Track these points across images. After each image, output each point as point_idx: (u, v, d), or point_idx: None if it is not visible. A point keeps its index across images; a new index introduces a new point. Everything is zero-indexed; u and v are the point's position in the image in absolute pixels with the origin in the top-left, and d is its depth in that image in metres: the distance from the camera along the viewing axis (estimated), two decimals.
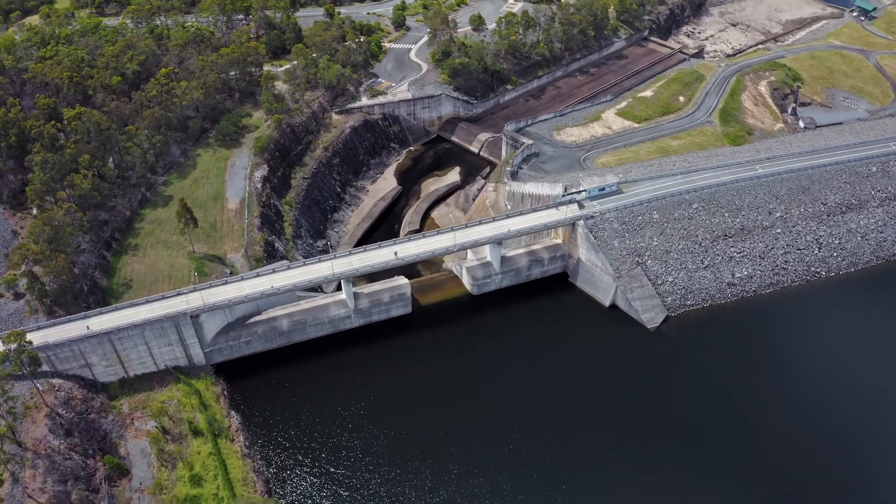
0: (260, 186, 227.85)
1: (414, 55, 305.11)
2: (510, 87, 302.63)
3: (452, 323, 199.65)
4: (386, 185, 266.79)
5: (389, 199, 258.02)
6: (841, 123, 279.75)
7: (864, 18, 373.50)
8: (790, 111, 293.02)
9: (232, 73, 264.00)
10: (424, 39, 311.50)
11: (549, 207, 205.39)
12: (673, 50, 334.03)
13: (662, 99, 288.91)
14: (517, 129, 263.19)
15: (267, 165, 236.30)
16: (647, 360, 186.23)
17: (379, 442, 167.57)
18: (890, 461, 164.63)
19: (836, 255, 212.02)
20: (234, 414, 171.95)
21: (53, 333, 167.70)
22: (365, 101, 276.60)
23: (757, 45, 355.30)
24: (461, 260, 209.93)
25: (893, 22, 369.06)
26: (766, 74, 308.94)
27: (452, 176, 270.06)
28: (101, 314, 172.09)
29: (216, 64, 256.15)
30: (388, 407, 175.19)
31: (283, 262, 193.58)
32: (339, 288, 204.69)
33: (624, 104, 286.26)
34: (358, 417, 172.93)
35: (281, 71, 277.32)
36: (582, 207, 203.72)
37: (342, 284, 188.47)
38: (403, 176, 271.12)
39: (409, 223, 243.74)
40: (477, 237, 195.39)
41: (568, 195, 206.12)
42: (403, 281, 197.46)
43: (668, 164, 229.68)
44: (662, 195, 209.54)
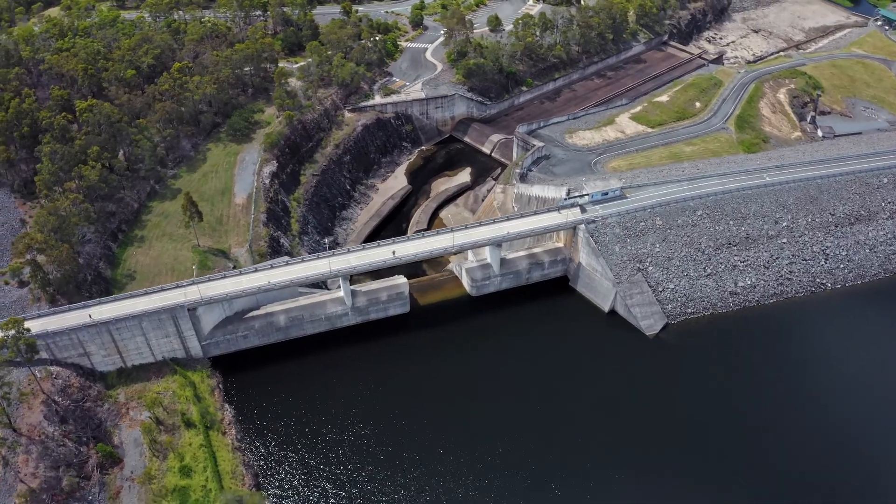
0: (268, 182, 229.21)
1: (430, 55, 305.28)
2: (525, 88, 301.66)
3: (450, 323, 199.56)
4: (396, 183, 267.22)
5: (399, 197, 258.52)
6: (860, 133, 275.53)
7: (888, 28, 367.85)
8: (809, 120, 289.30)
9: (246, 68, 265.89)
10: (441, 39, 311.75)
11: (550, 210, 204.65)
12: (692, 55, 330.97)
13: (678, 104, 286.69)
14: (529, 131, 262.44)
15: (276, 161, 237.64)
16: (643, 367, 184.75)
17: (371, 441, 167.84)
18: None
19: (842, 266, 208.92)
20: (227, 407, 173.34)
21: (53, 322, 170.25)
22: (378, 99, 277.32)
23: (778, 52, 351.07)
24: (463, 261, 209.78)
25: None
26: (785, 82, 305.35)
27: (463, 176, 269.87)
28: (100, 304, 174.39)
29: (230, 59, 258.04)
30: (381, 406, 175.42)
31: (282, 258, 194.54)
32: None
33: (639, 108, 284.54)
34: (351, 415, 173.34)
35: (295, 68, 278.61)
36: (584, 211, 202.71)
37: (340, 282, 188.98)
38: (414, 175, 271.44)
39: (416, 222, 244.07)
40: (476, 239, 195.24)
41: (570, 199, 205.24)
42: (402, 280, 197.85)
43: (676, 169, 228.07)
44: (666, 201, 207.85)
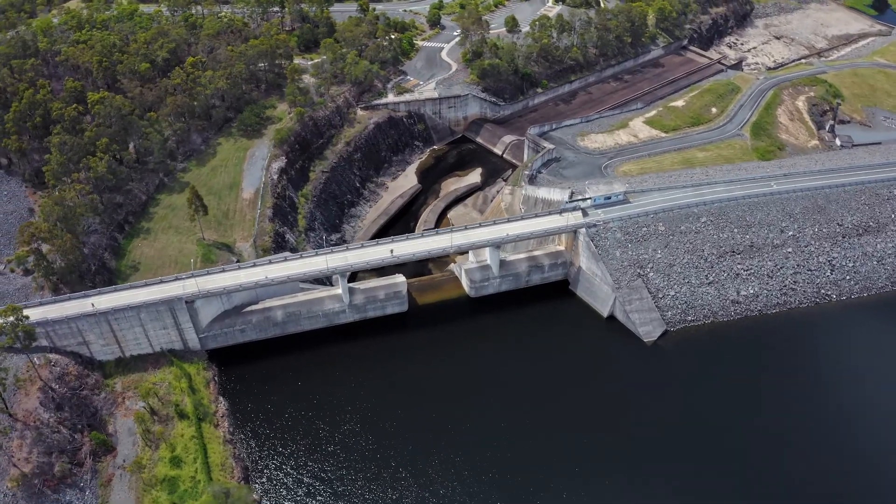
0: (276, 178, 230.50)
1: (445, 54, 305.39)
2: (540, 90, 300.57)
3: (448, 324, 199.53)
4: (406, 182, 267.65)
5: (408, 196, 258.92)
6: (879, 143, 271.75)
7: None
8: (828, 128, 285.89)
9: (261, 64, 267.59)
10: (457, 39, 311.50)
11: (552, 213, 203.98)
12: (711, 60, 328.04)
13: (694, 109, 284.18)
14: (540, 132, 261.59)
15: (285, 157, 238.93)
16: (639, 374, 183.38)
17: (362, 439, 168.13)
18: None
19: (848, 278, 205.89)
20: (222, 400, 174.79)
21: (54, 310, 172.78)
22: (391, 97, 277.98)
23: (800, 59, 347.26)
24: (463, 261, 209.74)
25: None
26: (805, 89, 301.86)
27: (473, 177, 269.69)
28: (100, 294, 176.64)
29: (244, 55, 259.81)
30: (374, 405, 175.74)
31: (280, 254, 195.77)
32: (348, 281, 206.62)
33: (653, 113, 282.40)
34: (344, 413, 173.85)
35: (310, 65, 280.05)
36: (586, 215, 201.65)
37: (339, 279, 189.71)
38: (425, 174, 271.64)
39: (424, 222, 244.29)
40: (475, 240, 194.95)
41: (572, 202, 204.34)
42: (400, 279, 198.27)
43: (682, 175, 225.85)
44: (670, 207, 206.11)
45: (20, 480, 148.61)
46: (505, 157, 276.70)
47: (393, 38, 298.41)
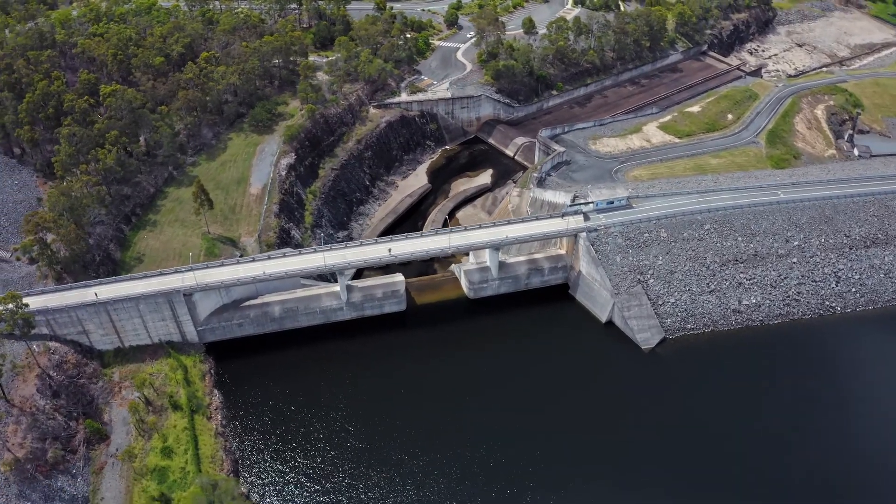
0: (284, 174, 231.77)
1: (461, 55, 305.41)
2: (555, 92, 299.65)
3: (445, 324, 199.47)
4: (416, 181, 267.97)
5: (417, 196, 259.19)
6: None
7: None
8: (846, 138, 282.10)
9: (275, 60, 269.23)
10: (474, 39, 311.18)
11: (553, 216, 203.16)
12: (730, 66, 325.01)
13: (709, 115, 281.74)
14: (552, 135, 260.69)
15: (294, 154, 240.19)
16: (634, 380, 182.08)
17: (353, 437, 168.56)
18: None
19: (854, 290, 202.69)
20: (216, 392, 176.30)
21: (55, 299, 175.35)
22: (404, 97, 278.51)
23: (821, 67, 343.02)
24: (464, 262, 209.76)
25: None
26: (824, 98, 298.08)
27: (484, 178, 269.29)
28: (101, 284, 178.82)
29: (259, 51, 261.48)
30: (367, 403, 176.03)
31: (279, 250, 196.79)
32: (354, 277, 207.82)
33: (668, 118, 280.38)
34: (336, 410, 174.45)
35: (324, 62, 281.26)
36: (587, 219, 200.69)
37: (337, 276, 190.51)
38: (435, 174, 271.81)
39: (432, 221, 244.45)
40: (473, 241, 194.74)
41: (574, 205, 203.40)
42: (399, 278, 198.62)
43: (691, 182, 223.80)
44: (673, 213, 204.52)
45: (13, 465, 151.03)
46: (517, 158, 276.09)
47: (409, 37, 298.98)
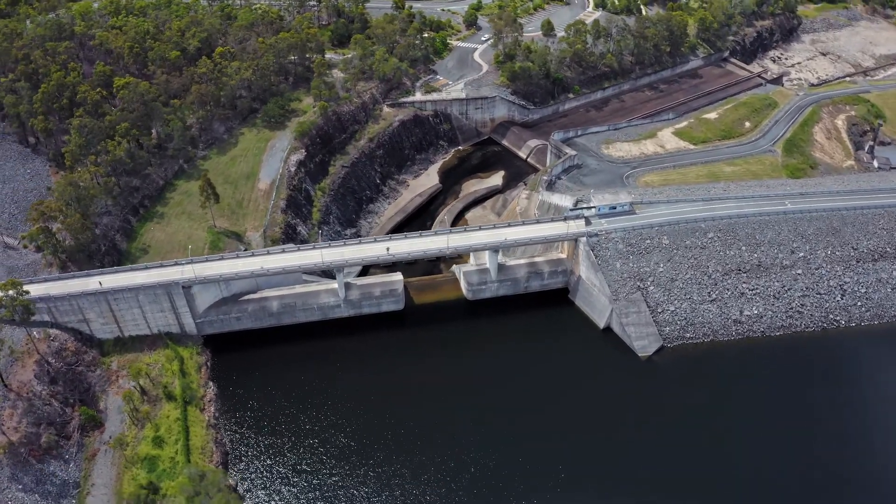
0: (293, 170, 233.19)
1: (478, 55, 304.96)
2: (572, 95, 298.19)
3: (443, 325, 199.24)
4: (427, 181, 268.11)
5: (427, 195, 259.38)
6: None
7: None
8: (867, 149, 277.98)
9: (291, 57, 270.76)
10: (491, 40, 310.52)
11: (555, 220, 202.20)
12: (751, 73, 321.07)
13: (726, 122, 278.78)
14: (564, 138, 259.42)
15: (305, 150, 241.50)
16: (629, 387, 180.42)
17: (342, 434, 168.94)
18: None
19: (860, 304, 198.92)
20: (211, 385, 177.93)
21: (57, 287, 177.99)
22: (418, 96, 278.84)
23: (844, 76, 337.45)
24: (464, 263, 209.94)
25: None
26: (845, 108, 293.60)
27: (495, 179, 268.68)
28: (101, 274, 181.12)
29: (274, 47, 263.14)
30: (360, 402, 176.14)
31: (278, 246, 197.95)
32: (360, 274, 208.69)
33: (684, 124, 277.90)
34: (327, 408, 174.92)
35: (339, 59, 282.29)
36: (588, 224, 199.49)
37: (335, 273, 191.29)
38: (447, 174, 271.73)
39: (441, 222, 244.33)
40: (472, 242, 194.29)
41: (576, 210, 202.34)
42: (397, 277, 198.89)
43: (700, 189, 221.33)
44: (676, 220, 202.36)
45: (7, 448, 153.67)
46: (529, 161, 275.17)
47: (426, 36, 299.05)
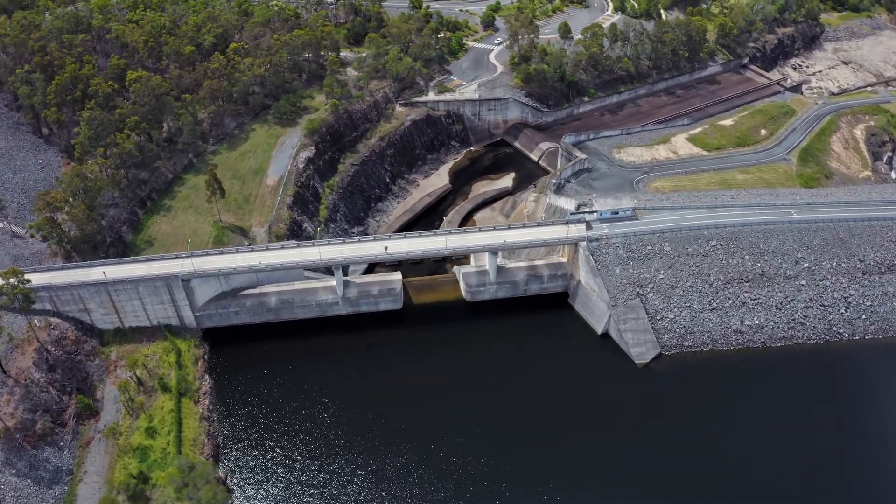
0: (301, 167, 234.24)
1: (493, 57, 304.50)
2: (587, 99, 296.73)
3: (440, 325, 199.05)
4: (438, 181, 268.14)
5: (436, 195, 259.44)
6: None
7: None
8: (885, 160, 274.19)
9: (305, 54, 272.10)
10: (506, 42, 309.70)
11: (556, 224, 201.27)
12: (770, 81, 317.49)
13: (741, 129, 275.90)
14: (576, 141, 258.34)
15: (314, 147, 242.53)
16: (624, 394, 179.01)
17: (333, 432, 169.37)
18: None
19: (864, 317, 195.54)
20: (207, 377, 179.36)
21: (59, 276, 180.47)
22: (431, 96, 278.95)
23: (866, 86, 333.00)
24: (465, 265, 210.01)
25: None
26: (865, 118, 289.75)
27: (505, 181, 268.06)
28: (104, 265, 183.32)
29: (289, 44, 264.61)
30: (354, 400, 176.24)
31: (277, 242, 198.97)
32: (366, 271, 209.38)
33: (698, 130, 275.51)
34: (321, 405, 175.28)
35: (354, 58, 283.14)
36: (589, 228, 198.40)
37: (334, 271, 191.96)
38: (457, 175, 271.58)
39: (449, 222, 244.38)
40: (470, 244, 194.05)
41: (577, 214, 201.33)
42: (396, 276, 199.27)
43: (707, 197, 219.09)
44: (679, 227, 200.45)
45: (2, 433, 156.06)
46: (540, 163, 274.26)
47: (441, 36, 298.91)
